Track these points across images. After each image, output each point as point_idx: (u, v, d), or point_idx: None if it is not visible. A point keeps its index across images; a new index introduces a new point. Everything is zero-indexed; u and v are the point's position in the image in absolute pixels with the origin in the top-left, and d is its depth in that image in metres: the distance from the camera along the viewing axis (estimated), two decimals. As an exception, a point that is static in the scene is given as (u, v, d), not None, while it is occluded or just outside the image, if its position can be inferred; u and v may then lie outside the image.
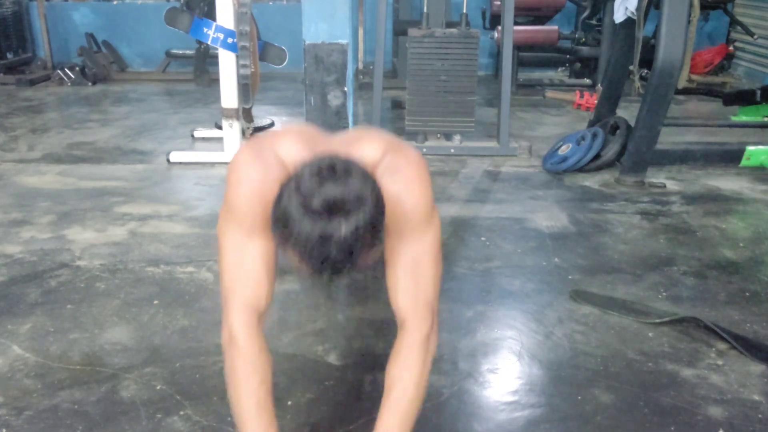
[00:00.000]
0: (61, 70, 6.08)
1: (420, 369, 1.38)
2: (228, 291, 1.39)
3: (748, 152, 3.58)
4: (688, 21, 3.23)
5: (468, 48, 3.82)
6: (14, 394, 1.75)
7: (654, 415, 1.70)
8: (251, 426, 1.33)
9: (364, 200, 1.17)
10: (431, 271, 1.42)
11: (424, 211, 1.41)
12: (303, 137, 1.46)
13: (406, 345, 1.39)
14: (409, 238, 1.40)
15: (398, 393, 1.37)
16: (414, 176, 1.41)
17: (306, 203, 1.15)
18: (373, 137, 1.48)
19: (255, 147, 1.44)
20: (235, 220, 1.40)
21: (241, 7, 3.57)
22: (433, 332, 1.42)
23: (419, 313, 1.40)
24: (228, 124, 3.76)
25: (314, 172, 1.17)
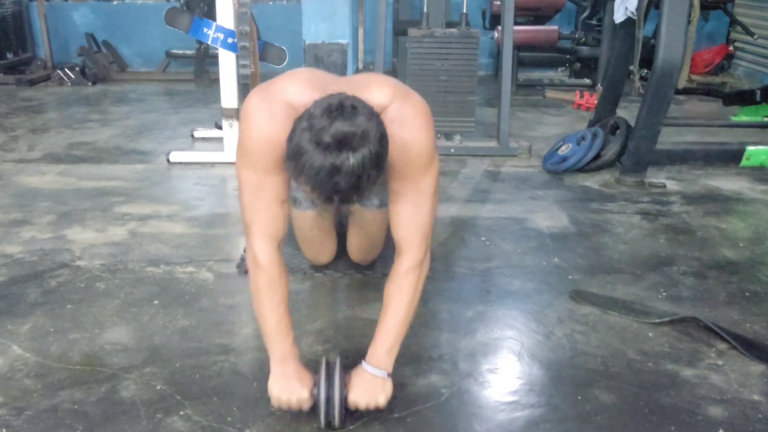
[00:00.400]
0: (61, 70, 6.08)
1: (413, 289, 1.65)
2: (249, 222, 1.62)
3: (748, 152, 3.58)
4: (688, 21, 3.23)
5: (468, 48, 3.82)
6: (14, 394, 1.75)
7: (654, 415, 1.70)
8: (273, 337, 1.62)
9: (370, 136, 1.31)
10: (427, 208, 1.64)
11: (427, 156, 1.60)
12: (311, 81, 1.58)
13: (402, 268, 1.65)
14: (411, 179, 1.59)
15: (393, 311, 1.65)
16: (420, 126, 1.58)
17: (317, 139, 1.30)
18: (382, 82, 1.61)
19: (264, 92, 1.58)
20: (249, 162, 1.58)
21: (241, 7, 3.57)
22: (426, 258, 1.67)
23: (415, 242, 1.63)
24: (228, 124, 3.76)
25: (324, 110, 1.31)
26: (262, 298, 1.62)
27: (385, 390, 1.63)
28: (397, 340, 1.65)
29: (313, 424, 1.63)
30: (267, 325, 1.63)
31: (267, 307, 1.61)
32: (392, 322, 1.65)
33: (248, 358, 1.92)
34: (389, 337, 1.64)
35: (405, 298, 1.65)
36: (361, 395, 1.60)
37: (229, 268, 2.47)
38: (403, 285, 1.65)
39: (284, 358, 1.62)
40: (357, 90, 1.51)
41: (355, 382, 1.62)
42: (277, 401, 1.61)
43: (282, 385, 1.60)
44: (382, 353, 1.64)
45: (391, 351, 1.65)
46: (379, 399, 1.61)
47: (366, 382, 1.62)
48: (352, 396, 1.61)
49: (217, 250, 2.64)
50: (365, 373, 1.63)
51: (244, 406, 1.71)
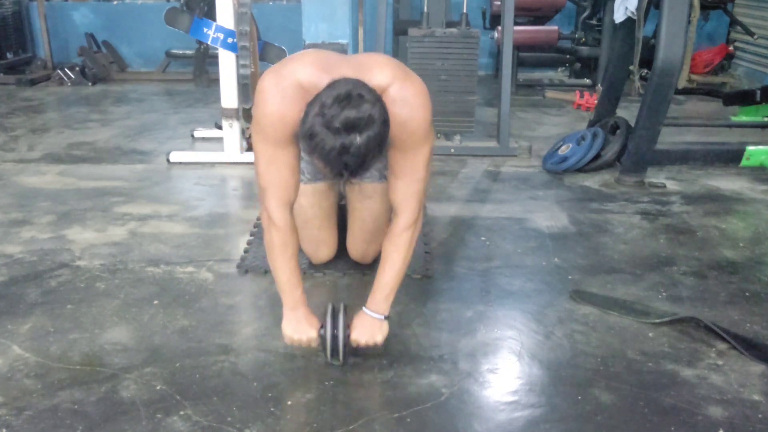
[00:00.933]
0: (61, 70, 6.08)
1: (407, 245, 1.87)
2: (264, 187, 1.81)
3: (748, 152, 3.58)
4: (688, 21, 3.23)
5: (468, 48, 3.82)
6: (14, 394, 1.75)
7: (654, 415, 1.70)
8: (286, 286, 1.86)
9: (374, 120, 1.51)
10: (421, 176, 1.84)
11: (423, 132, 1.80)
12: (319, 63, 1.75)
13: (398, 228, 1.87)
14: (409, 151, 1.80)
15: (390, 264, 1.87)
16: (418, 105, 1.77)
17: (328, 124, 1.49)
18: (383, 64, 1.79)
19: (277, 74, 1.76)
20: (264, 136, 1.77)
21: (241, 7, 3.57)
22: (419, 219, 1.90)
23: (410, 205, 1.85)
24: (228, 124, 3.76)
25: (335, 99, 1.49)
26: (276, 254, 1.84)
27: (383, 330, 1.86)
28: (393, 289, 1.88)
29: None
30: (280, 277, 1.86)
31: (280, 262, 1.84)
32: (389, 274, 1.87)
33: (248, 358, 1.92)
34: (387, 286, 1.87)
35: (401, 253, 1.87)
36: (361, 334, 1.84)
37: (229, 268, 2.47)
38: (399, 242, 1.86)
39: (295, 304, 1.86)
40: (360, 71, 1.69)
41: (357, 323, 1.86)
42: (289, 340, 1.86)
43: (294, 327, 1.85)
44: (380, 300, 1.86)
45: (388, 298, 1.87)
46: (377, 337, 1.85)
47: (366, 324, 1.86)
48: (354, 335, 1.84)
49: (217, 250, 2.64)
50: (365, 316, 1.86)
51: (244, 406, 1.71)
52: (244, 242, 2.68)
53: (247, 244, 2.65)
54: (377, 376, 1.84)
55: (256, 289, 2.33)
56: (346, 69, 1.70)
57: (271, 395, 1.76)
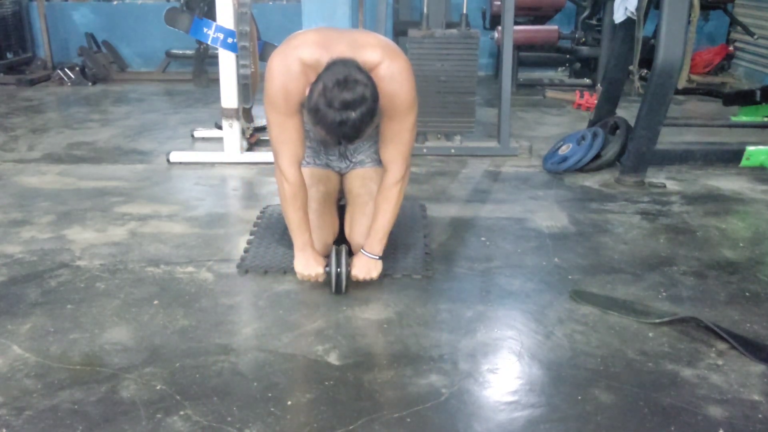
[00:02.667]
0: (61, 70, 6.08)
1: (396, 197, 2.26)
2: (278, 150, 2.18)
3: (748, 152, 3.58)
4: (688, 21, 3.23)
5: (468, 48, 3.82)
6: (14, 394, 1.75)
7: (654, 415, 1.70)
8: (296, 231, 2.26)
9: (366, 98, 1.88)
10: (407, 138, 2.21)
11: (408, 103, 2.14)
12: (319, 42, 2.07)
13: (388, 182, 2.25)
14: (396, 119, 2.16)
15: (383, 212, 2.26)
16: (404, 80, 2.10)
17: (329, 103, 1.86)
18: (374, 44, 2.10)
19: (284, 53, 2.10)
20: (274, 107, 2.12)
21: (241, 7, 3.57)
22: (406, 174, 2.27)
23: (398, 162, 2.23)
24: (228, 124, 3.76)
25: (335, 84, 1.85)
26: (288, 204, 2.22)
27: (377, 267, 2.29)
28: (386, 234, 2.28)
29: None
30: (292, 223, 2.26)
31: (291, 210, 2.22)
32: (381, 222, 2.26)
33: (248, 358, 1.92)
34: (380, 231, 2.27)
35: (391, 203, 2.25)
36: (360, 270, 2.27)
37: (229, 268, 2.47)
38: (390, 195, 2.25)
39: (304, 245, 2.26)
40: (355, 48, 2.04)
41: (356, 262, 2.28)
42: (300, 275, 2.29)
43: (304, 264, 2.27)
44: (374, 243, 2.27)
45: (381, 241, 2.28)
46: (373, 273, 2.28)
47: (363, 262, 2.28)
48: (354, 271, 2.26)
49: (217, 250, 2.64)
50: (363, 256, 2.28)
51: (244, 406, 1.71)
52: (244, 242, 2.68)
53: (247, 244, 2.65)
54: (377, 376, 1.84)
55: (256, 289, 2.33)
56: (343, 46, 2.03)
57: (271, 395, 1.76)
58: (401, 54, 2.14)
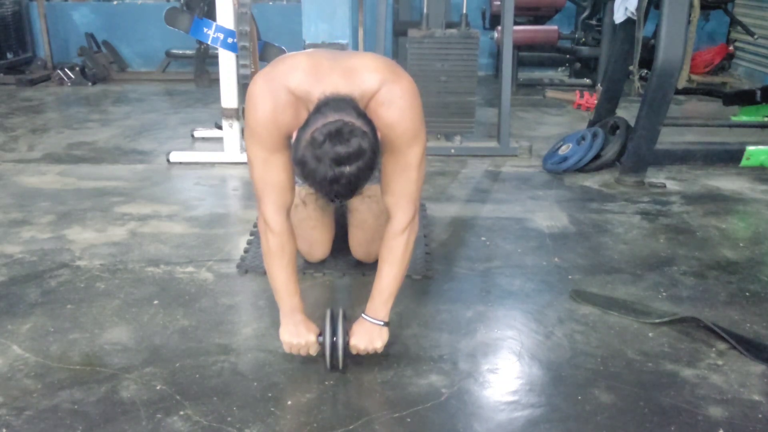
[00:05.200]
0: (61, 70, 6.08)
1: (403, 250, 1.86)
2: (260, 193, 1.82)
3: (748, 152, 3.58)
4: (688, 21, 3.23)
5: (468, 48, 3.82)
6: (14, 394, 1.75)
7: (654, 415, 1.70)
8: (283, 292, 1.86)
9: (364, 152, 1.53)
10: (414, 176, 1.82)
11: (413, 133, 1.78)
12: (310, 68, 1.74)
13: (393, 231, 1.86)
14: (399, 153, 1.79)
15: (387, 268, 1.86)
16: (405, 105, 1.75)
17: (319, 158, 1.52)
18: (372, 67, 1.76)
19: (267, 78, 1.75)
20: (257, 141, 1.77)
21: (241, 7, 3.57)
22: (414, 220, 1.87)
23: (403, 208, 1.84)
24: (228, 124, 3.76)
25: (326, 137, 1.52)
26: (273, 259, 1.84)
27: (382, 336, 1.85)
28: (392, 294, 1.86)
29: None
30: (277, 283, 1.86)
31: (277, 267, 1.84)
32: (387, 279, 1.86)
33: (248, 358, 1.92)
34: (385, 291, 1.86)
35: (397, 256, 1.85)
36: (361, 340, 1.83)
37: (229, 268, 2.47)
38: (395, 245, 1.85)
39: (293, 310, 1.85)
40: (350, 76, 1.72)
41: (356, 329, 1.85)
42: (288, 346, 1.84)
43: (292, 332, 1.82)
44: (379, 305, 1.86)
45: (387, 302, 1.86)
46: (377, 343, 1.83)
47: (365, 330, 1.84)
48: (353, 341, 1.83)
49: (217, 250, 2.64)
50: (365, 322, 1.86)
51: (244, 406, 1.71)
52: (244, 242, 2.68)
53: (247, 244, 2.65)
54: (377, 376, 1.84)
55: (256, 289, 2.33)
56: (337, 76, 1.71)
57: (271, 395, 1.76)
58: (404, 75, 1.81)
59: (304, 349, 1.83)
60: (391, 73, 1.76)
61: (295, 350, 1.84)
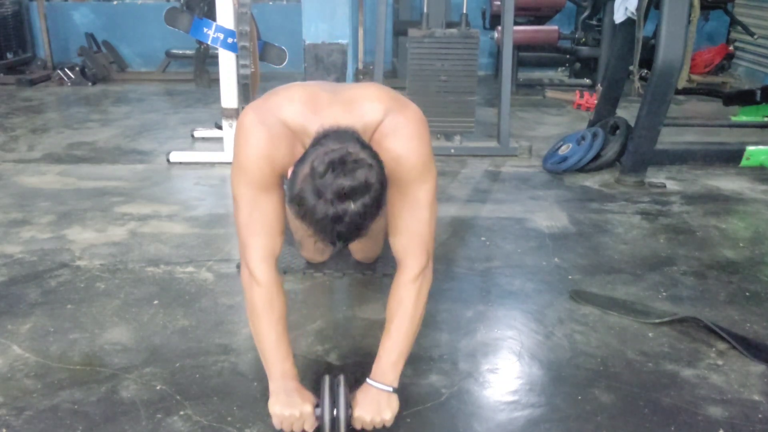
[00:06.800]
0: (61, 70, 6.08)
1: (414, 303, 1.62)
2: (245, 238, 1.60)
3: (748, 152, 3.58)
4: (688, 21, 3.23)
5: (468, 48, 3.82)
6: (14, 394, 1.75)
7: (654, 415, 1.70)
8: (272, 356, 1.59)
9: (370, 185, 1.35)
10: (426, 216, 1.62)
11: (422, 166, 1.59)
12: (306, 100, 1.57)
13: (402, 282, 1.63)
14: (407, 189, 1.59)
15: (396, 324, 1.62)
16: (412, 135, 1.58)
17: (319, 192, 1.33)
18: (375, 96, 1.60)
19: (259, 110, 1.58)
20: (246, 178, 1.57)
21: (241, 7, 3.57)
22: (428, 269, 1.65)
23: (414, 253, 1.62)
24: (228, 124, 3.76)
25: (327, 167, 1.33)
26: (259, 316, 1.59)
27: (391, 405, 1.58)
28: (402, 354, 1.61)
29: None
30: (265, 344, 1.60)
31: (265, 325, 1.59)
32: (396, 336, 1.61)
33: (248, 358, 1.92)
34: (393, 351, 1.61)
35: (408, 310, 1.62)
36: (366, 411, 1.56)
37: (229, 268, 2.47)
38: (405, 296, 1.62)
39: (284, 376, 1.58)
40: (351, 109, 1.55)
41: (360, 398, 1.59)
42: (279, 420, 1.55)
43: (284, 402, 1.54)
44: (386, 367, 1.60)
45: (396, 365, 1.60)
46: (385, 415, 1.56)
47: (371, 398, 1.58)
48: (357, 413, 1.56)
49: (217, 250, 2.64)
50: (370, 388, 1.59)
51: (244, 406, 1.71)
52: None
53: (247, 244, 2.65)
54: (377, 376, 1.84)
55: (256, 289, 2.32)
56: (337, 109, 1.55)
57: (271, 395, 1.75)
58: (410, 104, 1.64)
59: (298, 424, 1.55)
60: (395, 102, 1.61)
61: (288, 425, 1.55)
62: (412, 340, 1.63)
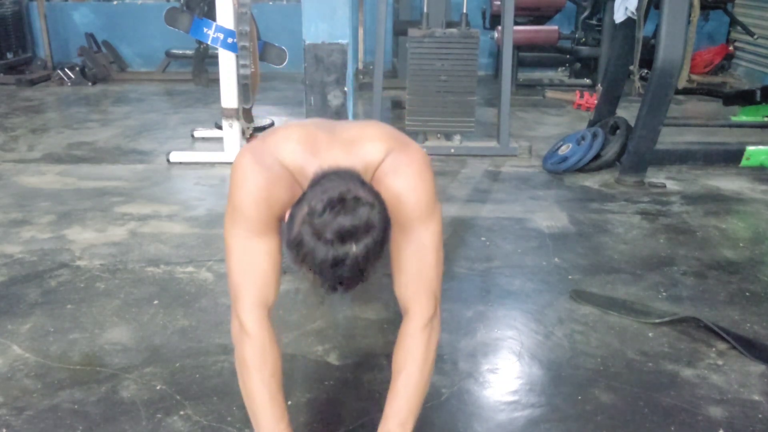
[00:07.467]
0: (61, 70, 6.08)
1: (423, 354, 1.45)
2: (237, 287, 1.45)
3: (748, 152, 3.58)
4: (688, 21, 3.23)
5: (468, 48, 3.82)
6: (14, 394, 1.75)
7: (654, 415, 1.70)
8: (264, 417, 1.39)
9: (373, 226, 1.26)
10: (433, 260, 1.49)
11: (425, 206, 1.49)
12: (305, 140, 1.49)
13: (409, 331, 1.47)
14: (411, 231, 1.48)
15: (404, 379, 1.44)
16: (415, 173, 1.48)
17: (319, 234, 1.23)
18: (376, 136, 1.52)
19: (257, 151, 1.49)
20: (242, 221, 1.45)
21: (241, 7, 3.57)
22: (436, 317, 1.50)
23: (421, 300, 1.48)
24: (228, 124, 3.76)
25: (326, 205, 1.24)
26: (250, 371, 1.41)
27: None
28: (412, 412, 1.43)
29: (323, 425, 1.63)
30: (257, 403, 1.41)
31: (256, 382, 1.41)
32: (404, 392, 1.43)
33: (248, 358, 1.92)
34: (402, 409, 1.42)
35: (416, 362, 1.44)
36: None
37: (229, 268, 2.47)
38: (413, 347, 1.45)
39: None
40: (351, 148, 1.48)
41: None
42: None
43: None
44: (395, 428, 1.42)
45: (405, 425, 1.42)
46: None
47: None
48: None
49: (217, 250, 2.64)
50: None
51: (244, 406, 1.70)
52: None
53: (247, 244, 2.65)
54: (377, 376, 1.84)
55: (256, 289, 2.32)
56: (337, 150, 1.47)
57: (271, 395, 1.75)
58: (412, 144, 1.56)
59: None
60: (396, 141, 1.53)
61: None
62: (422, 397, 1.46)
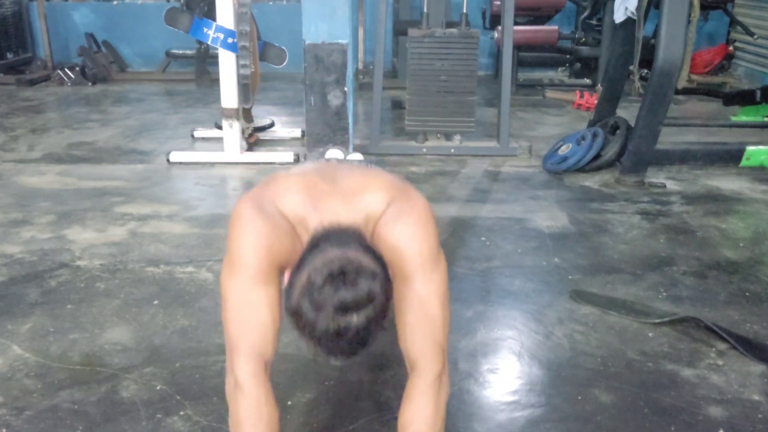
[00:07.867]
0: (61, 70, 6.08)
1: (433, 411, 1.36)
2: (233, 340, 1.36)
3: (748, 152, 3.58)
4: (688, 21, 3.23)
5: (468, 48, 3.82)
6: (14, 394, 1.75)
7: (654, 415, 1.70)
8: None
9: (374, 297, 1.21)
10: (439, 313, 1.42)
11: (428, 255, 1.42)
12: (305, 190, 1.45)
13: (417, 388, 1.38)
14: (414, 282, 1.41)
15: None
16: (416, 222, 1.43)
17: (318, 306, 1.19)
18: (377, 187, 1.47)
19: (256, 200, 1.44)
20: (241, 269, 1.38)
21: (241, 7, 3.57)
22: (444, 373, 1.41)
23: (429, 355, 1.39)
24: (228, 124, 3.76)
25: (326, 279, 1.20)
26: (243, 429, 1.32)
27: None
28: None
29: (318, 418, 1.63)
30: None
31: None
32: None
33: (248, 358, 1.92)
34: None
35: (426, 421, 1.35)
36: None
37: (229, 268, 2.47)
38: (422, 405, 1.36)
39: None
40: (352, 199, 1.43)
41: None
42: None
43: None
44: None
45: None
46: None
47: None
48: None
49: (217, 250, 2.64)
50: None
51: (244, 406, 1.71)
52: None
53: (247, 244, 2.65)
54: (377, 376, 1.84)
55: (256, 289, 2.33)
56: (337, 201, 1.42)
57: (271, 395, 1.75)
58: (415, 193, 1.50)
59: None
60: (399, 191, 1.47)
61: None
62: None
